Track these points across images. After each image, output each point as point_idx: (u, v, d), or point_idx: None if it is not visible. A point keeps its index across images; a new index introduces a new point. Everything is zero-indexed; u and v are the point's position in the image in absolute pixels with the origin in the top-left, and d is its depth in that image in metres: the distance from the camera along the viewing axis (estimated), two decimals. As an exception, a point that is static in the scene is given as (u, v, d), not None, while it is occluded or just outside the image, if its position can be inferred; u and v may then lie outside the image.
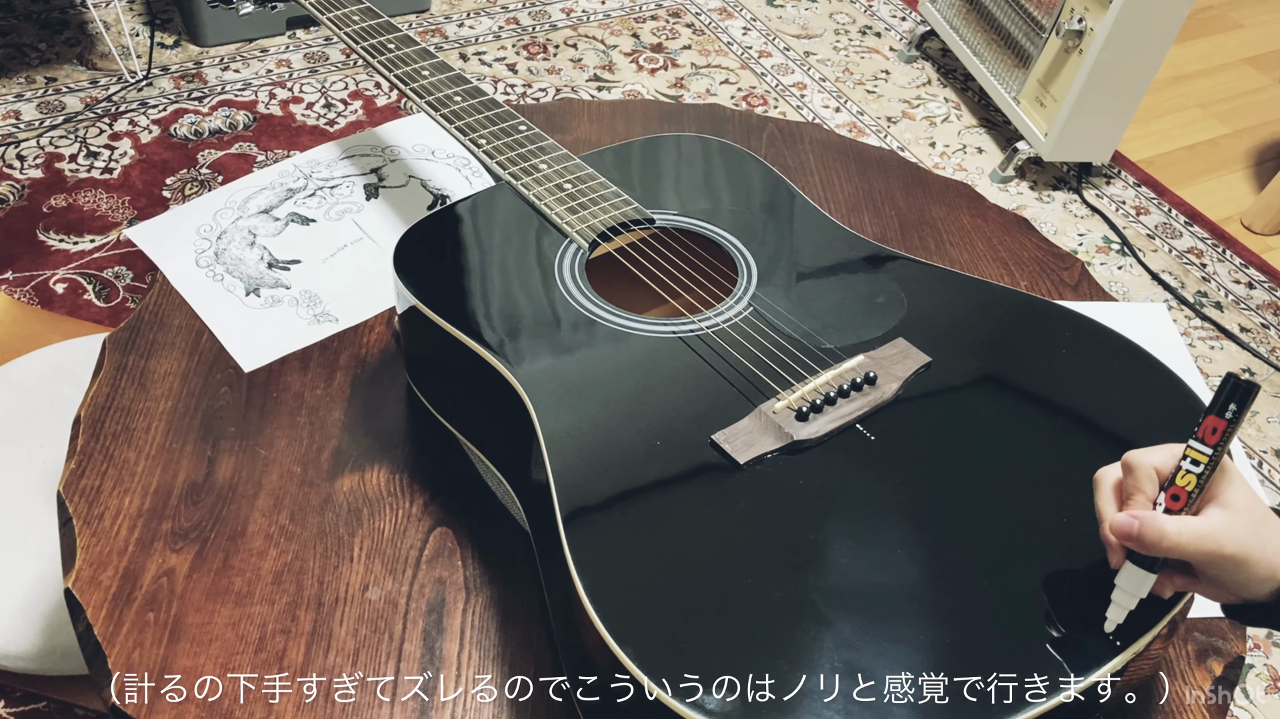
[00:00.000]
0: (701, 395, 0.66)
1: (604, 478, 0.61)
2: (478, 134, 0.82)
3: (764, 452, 0.62)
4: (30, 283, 1.61)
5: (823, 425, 0.63)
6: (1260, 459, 1.64)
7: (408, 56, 0.87)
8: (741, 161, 0.87)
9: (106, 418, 0.76)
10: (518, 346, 0.68)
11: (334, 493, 0.73)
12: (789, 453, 0.62)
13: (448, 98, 0.84)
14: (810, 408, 0.64)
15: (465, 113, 0.83)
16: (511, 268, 0.74)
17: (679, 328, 0.70)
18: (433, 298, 0.71)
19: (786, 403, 0.64)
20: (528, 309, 0.71)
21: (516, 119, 0.84)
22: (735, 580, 0.56)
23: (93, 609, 0.65)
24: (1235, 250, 1.97)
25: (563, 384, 0.66)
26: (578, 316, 0.71)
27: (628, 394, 0.66)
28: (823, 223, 0.82)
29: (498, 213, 0.79)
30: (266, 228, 0.93)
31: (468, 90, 0.85)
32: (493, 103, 0.85)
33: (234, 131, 1.90)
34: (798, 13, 2.38)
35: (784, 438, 0.62)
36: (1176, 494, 0.53)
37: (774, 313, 0.72)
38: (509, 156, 0.81)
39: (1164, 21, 1.78)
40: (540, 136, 0.83)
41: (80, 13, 2.11)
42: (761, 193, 0.84)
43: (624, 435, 0.63)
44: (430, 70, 0.86)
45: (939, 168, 2.04)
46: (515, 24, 2.24)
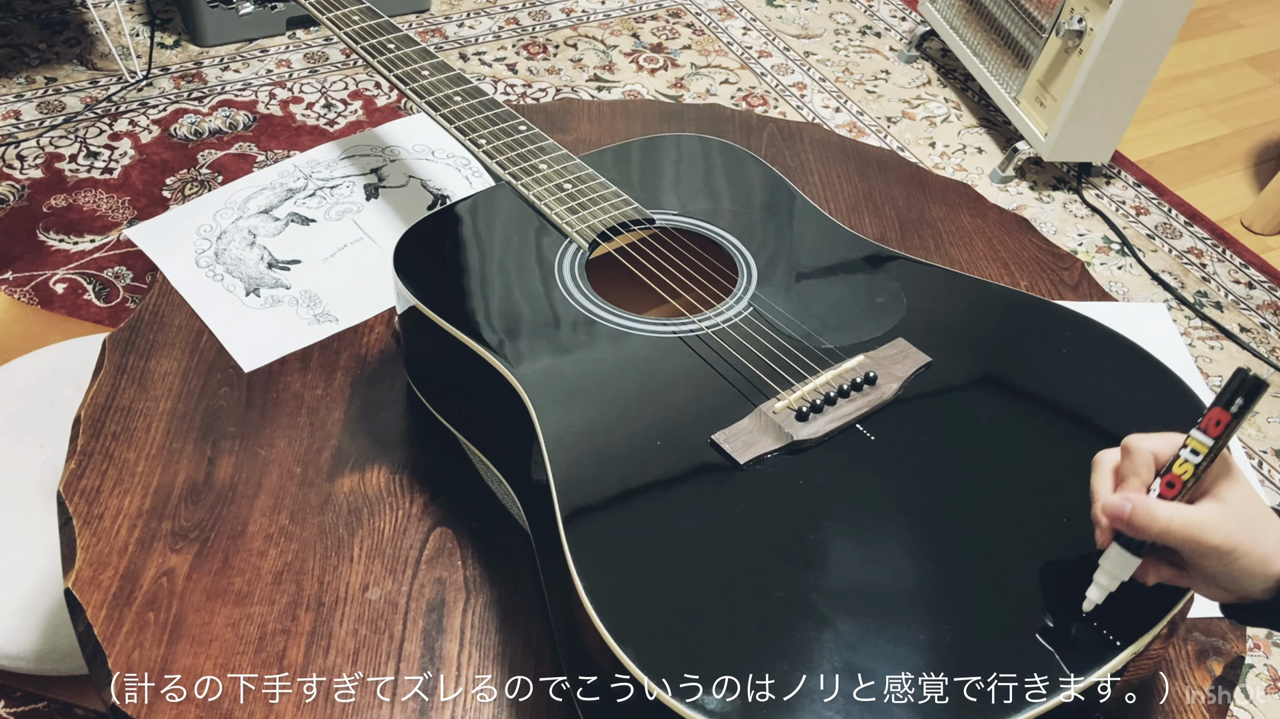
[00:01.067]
0: (701, 395, 0.66)
1: (604, 478, 0.61)
2: (478, 134, 0.82)
3: (764, 452, 0.62)
4: (30, 283, 1.61)
5: (823, 425, 0.63)
6: (1260, 459, 1.64)
7: (408, 57, 0.87)
8: (742, 162, 0.87)
9: (106, 418, 0.76)
10: (517, 346, 0.68)
11: (334, 493, 0.73)
12: (789, 453, 0.62)
13: (448, 98, 0.84)
14: (810, 408, 0.64)
15: (465, 113, 0.83)
16: (511, 268, 0.74)
17: (679, 328, 0.70)
18: (432, 298, 0.71)
19: (786, 403, 0.64)
20: (527, 309, 0.71)
21: (516, 119, 0.84)
22: (735, 580, 0.56)
23: (93, 609, 0.65)
24: (1235, 250, 1.97)
25: (563, 384, 0.66)
26: (578, 316, 0.71)
27: (627, 394, 0.66)
28: (823, 223, 0.82)
29: (497, 213, 0.79)
30: (266, 228, 0.93)
31: (468, 90, 0.85)
32: (493, 103, 0.85)
33: (234, 131, 1.90)
34: (798, 13, 2.38)
35: (784, 438, 0.62)
36: (1172, 481, 0.53)
37: (774, 313, 0.72)
38: (509, 156, 0.81)
39: (1164, 21, 1.78)
40: (540, 136, 0.83)
41: (80, 13, 2.11)
42: (762, 193, 0.84)
43: (624, 435, 0.63)
44: (430, 70, 0.86)
45: (939, 168, 2.04)
46: (515, 24, 2.24)
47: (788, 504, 0.60)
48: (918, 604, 0.55)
